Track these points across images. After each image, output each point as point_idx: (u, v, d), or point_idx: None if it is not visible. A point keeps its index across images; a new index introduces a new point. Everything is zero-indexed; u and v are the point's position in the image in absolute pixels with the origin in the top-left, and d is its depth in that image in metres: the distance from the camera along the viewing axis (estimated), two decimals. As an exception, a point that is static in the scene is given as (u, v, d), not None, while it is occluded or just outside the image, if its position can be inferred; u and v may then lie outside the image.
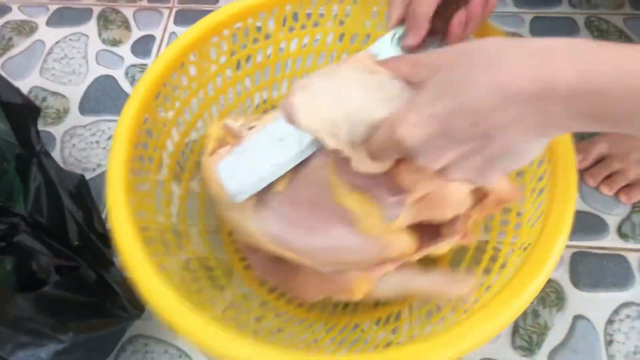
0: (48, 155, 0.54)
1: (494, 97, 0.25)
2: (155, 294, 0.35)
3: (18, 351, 0.36)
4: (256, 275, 0.50)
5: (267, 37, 0.53)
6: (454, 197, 0.39)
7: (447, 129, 0.27)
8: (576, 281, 0.52)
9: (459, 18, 0.38)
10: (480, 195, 0.42)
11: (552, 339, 0.49)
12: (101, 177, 0.61)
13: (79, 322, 0.41)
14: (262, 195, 0.41)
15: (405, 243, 0.40)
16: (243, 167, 0.41)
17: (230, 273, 0.52)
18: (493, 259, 0.46)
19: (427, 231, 0.43)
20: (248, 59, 0.53)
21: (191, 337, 0.33)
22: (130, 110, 0.44)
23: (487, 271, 0.45)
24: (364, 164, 0.33)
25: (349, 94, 0.32)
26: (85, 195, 0.55)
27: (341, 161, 0.35)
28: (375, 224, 0.39)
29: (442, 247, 0.42)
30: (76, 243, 0.50)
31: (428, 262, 0.51)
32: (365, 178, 0.38)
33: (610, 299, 0.51)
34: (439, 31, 0.39)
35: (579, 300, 0.51)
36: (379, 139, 0.31)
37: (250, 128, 0.45)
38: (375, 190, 0.39)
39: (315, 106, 0.33)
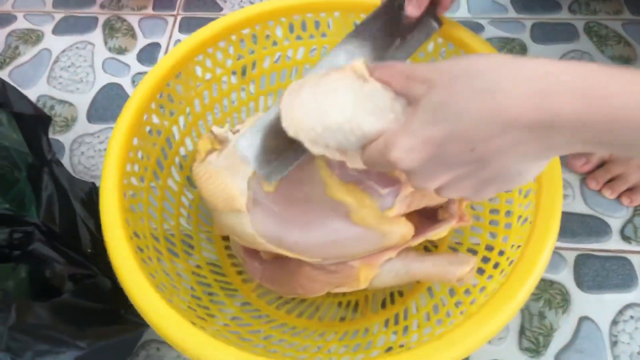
0: (59, 163, 0.55)
1: (492, 125, 0.25)
2: (154, 312, 0.37)
3: (37, 359, 0.37)
4: (257, 283, 0.50)
5: (252, 52, 0.54)
6: None
7: (442, 154, 0.27)
8: (580, 283, 0.53)
9: None
10: None
11: (558, 341, 0.50)
12: (110, 184, 0.62)
13: (96, 329, 0.41)
14: (256, 196, 0.42)
15: (402, 230, 0.41)
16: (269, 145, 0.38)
17: (228, 288, 0.53)
18: (485, 260, 0.47)
19: (425, 216, 0.44)
20: (233, 74, 0.55)
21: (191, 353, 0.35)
22: (120, 131, 0.45)
23: (480, 271, 0.46)
24: (358, 165, 0.33)
25: (338, 102, 0.32)
26: (96, 202, 0.55)
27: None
28: (370, 214, 0.40)
29: (441, 232, 0.44)
30: (89, 250, 0.50)
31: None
32: (357, 171, 0.39)
33: (614, 300, 0.52)
34: (434, 2, 0.40)
35: (584, 302, 0.52)
36: (372, 156, 0.30)
37: (235, 132, 0.46)
38: (368, 181, 0.39)
39: (300, 114, 0.32)
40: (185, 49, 0.49)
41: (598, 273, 0.53)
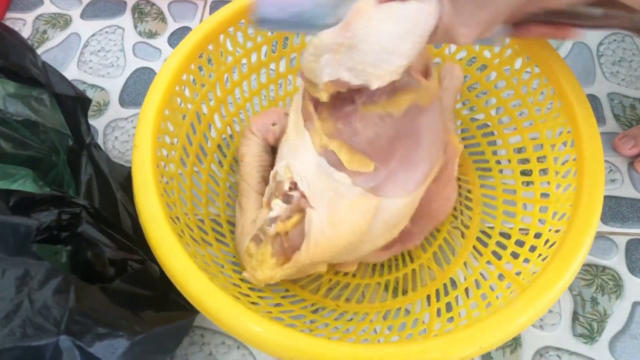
0: (98, 147, 0.54)
1: None
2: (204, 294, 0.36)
3: (97, 342, 0.35)
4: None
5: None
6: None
7: (489, 22, 0.35)
8: (633, 268, 0.52)
9: None
10: None
11: (612, 326, 0.49)
12: (147, 169, 0.60)
13: (151, 314, 0.40)
14: None
15: None
16: None
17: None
18: (519, 244, 0.47)
19: None
20: (263, 50, 0.54)
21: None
22: (152, 103, 0.45)
23: (515, 255, 0.46)
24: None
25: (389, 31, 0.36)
26: (137, 187, 0.54)
27: None
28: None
29: None
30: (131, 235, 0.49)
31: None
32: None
33: (668, 285, 0.51)
34: None
35: (637, 287, 0.51)
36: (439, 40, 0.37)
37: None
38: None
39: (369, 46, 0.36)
40: (218, 20, 0.49)
41: (650, 258, 0.52)
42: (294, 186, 0.41)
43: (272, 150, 0.52)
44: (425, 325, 0.45)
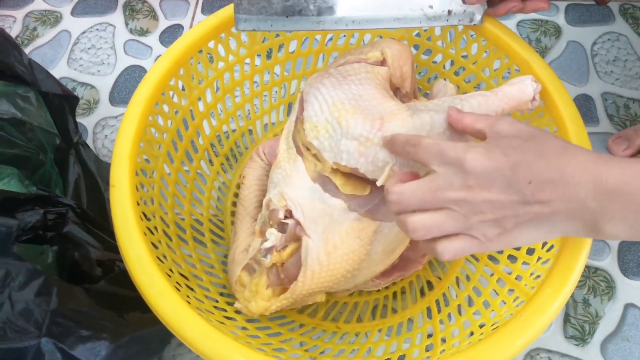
0: (86, 146, 0.53)
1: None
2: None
3: (79, 344, 0.35)
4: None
5: (277, 35, 0.53)
6: None
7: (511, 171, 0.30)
8: (625, 270, 0.51)
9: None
10: None
11: (604, 328, 0.49)
12: (136, 168, 0.60)
13: (136, 316, 0.40)
14: None
15: None
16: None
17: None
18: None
19: None
20: (258, 56, 0.53)
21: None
22: (137, 104, 0.43)
23: (512, 259, 0.45)
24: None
25: None
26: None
27: None
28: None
29: None
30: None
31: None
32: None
33: (660, 287, 0.50)
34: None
35: (629, 289, 0.51)
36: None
37: None
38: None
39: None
40: (209, 26, 0.47)
41: (643, 259, 0.52)
42: (289, 214, 0.40)
43: None
44: (430, 340, 0.44)
